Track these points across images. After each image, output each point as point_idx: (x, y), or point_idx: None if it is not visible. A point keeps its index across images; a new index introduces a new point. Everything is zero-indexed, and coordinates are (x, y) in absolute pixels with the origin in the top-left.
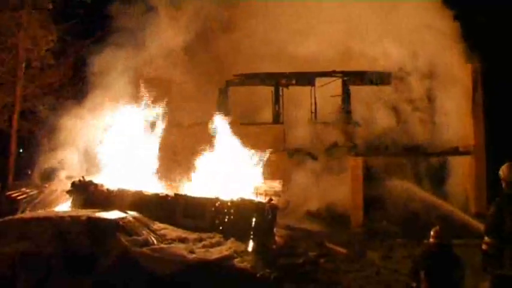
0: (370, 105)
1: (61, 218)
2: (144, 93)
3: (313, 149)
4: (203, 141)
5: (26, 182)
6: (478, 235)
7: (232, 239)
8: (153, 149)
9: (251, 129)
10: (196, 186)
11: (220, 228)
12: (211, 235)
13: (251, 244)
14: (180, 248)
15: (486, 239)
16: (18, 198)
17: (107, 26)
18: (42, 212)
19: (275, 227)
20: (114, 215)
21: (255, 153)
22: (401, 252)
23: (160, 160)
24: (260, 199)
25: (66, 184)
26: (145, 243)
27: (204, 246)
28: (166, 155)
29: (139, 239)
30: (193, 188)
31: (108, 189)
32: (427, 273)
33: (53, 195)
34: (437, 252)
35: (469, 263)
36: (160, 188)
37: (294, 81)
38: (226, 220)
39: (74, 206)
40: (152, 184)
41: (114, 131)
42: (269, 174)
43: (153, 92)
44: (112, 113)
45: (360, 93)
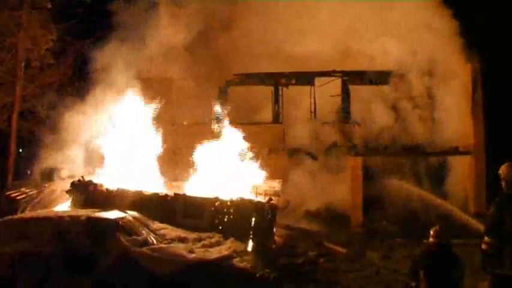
0: (369, 105)
1: (61, 218)
2: (144, 92)
3: (313, 148)
4: (203, 141)
5: (25, 182)
6: (478, 235)
7: (231, 239)
8: (152, 148)
9: (251, 129)
10: (195, 186)
11: (220, 228)
12: (210, 235)
13: (250, 244)
14: (179, 248)
15: (486, 239)
16: (18, 198)
17: (107, 24)
18: (41, 212)
19: (275, 227)
20: (113, 214)
21: (255, 153)
22: (401, 252)
23: (159, 160)
24: (260, 199)
25: (66, 184)
26: (145, 243)
27: (203, 246)
28: (166, 155)
29: (139, 238)
30: (193, 188)
31: (107, 189)
32: (427, 273)
33: (52, 195)
34: (437, 251)
35: (468, 263)
36: (160, 188)
37: (293, 81)
38: (226, 220)
39: (74, 205)
40: (152, 184)
41: (114, 129)
42: (269, 174)
43: (153, 90)
44: (111, 111)
45: (360, 93)
